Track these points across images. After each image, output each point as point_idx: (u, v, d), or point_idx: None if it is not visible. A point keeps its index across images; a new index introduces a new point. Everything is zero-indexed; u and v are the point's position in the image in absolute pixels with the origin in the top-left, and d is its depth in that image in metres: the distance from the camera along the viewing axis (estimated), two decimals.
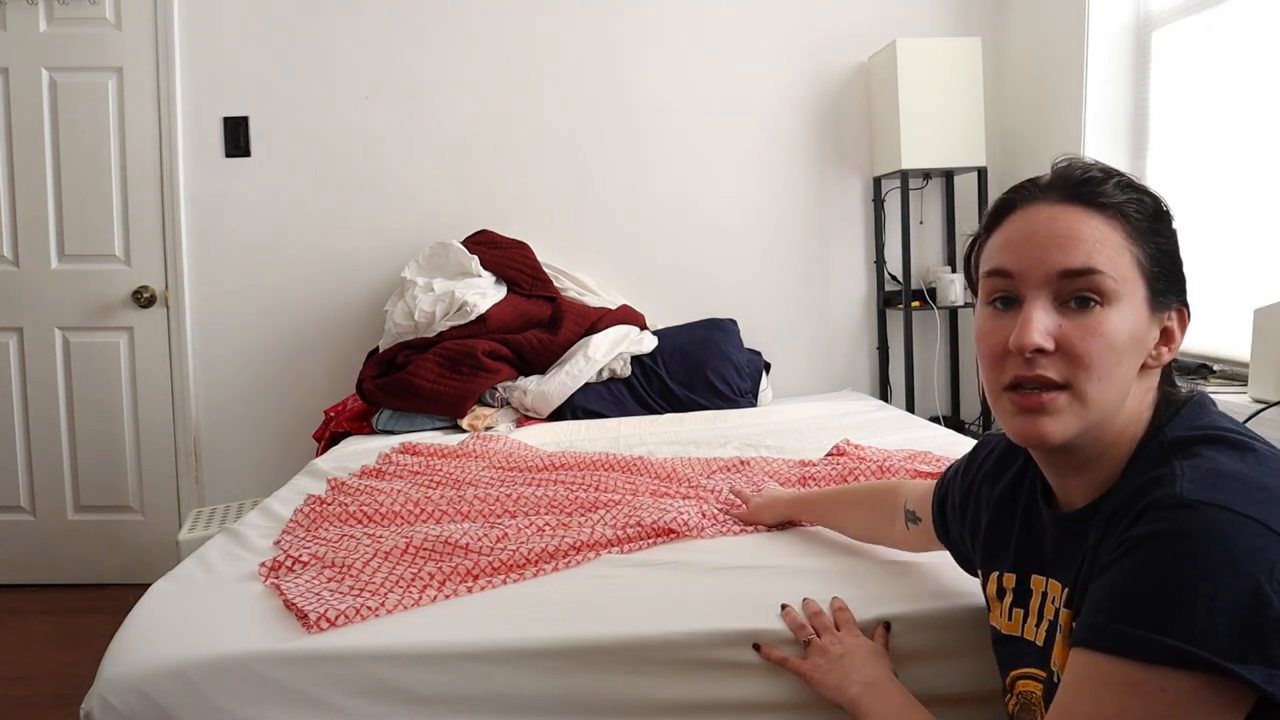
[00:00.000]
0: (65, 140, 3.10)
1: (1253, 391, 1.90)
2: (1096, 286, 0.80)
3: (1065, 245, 0.81)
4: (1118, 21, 2.77)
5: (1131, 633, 0.69)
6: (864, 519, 1.39)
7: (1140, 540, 0.72)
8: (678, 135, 3.27)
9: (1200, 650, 0.66)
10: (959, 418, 3.35)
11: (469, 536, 1.48)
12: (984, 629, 1.16)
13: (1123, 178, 0.84)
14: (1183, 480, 0.73)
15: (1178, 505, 0.71)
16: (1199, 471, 0.74)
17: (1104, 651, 0.71)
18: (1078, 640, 0.74)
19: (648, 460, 2.06)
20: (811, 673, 1.09)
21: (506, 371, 2.82)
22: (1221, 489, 0.71)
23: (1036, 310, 0.81)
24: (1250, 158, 2.32)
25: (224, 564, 1.49)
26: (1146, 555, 0.71)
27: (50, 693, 2.36)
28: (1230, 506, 0.69)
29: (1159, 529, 0.71)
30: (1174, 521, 0.70)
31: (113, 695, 1.11)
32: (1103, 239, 0.81)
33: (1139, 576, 0.71)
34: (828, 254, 3.34)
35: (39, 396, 3.15)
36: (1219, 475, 0.73)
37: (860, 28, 3.26)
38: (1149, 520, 0.72)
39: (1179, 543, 0.69)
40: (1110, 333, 0.79)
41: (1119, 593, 0.72)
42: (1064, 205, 0.83)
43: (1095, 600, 0.74)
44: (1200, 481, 0.72)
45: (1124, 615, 0.70)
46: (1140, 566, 0.71)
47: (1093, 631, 0.72)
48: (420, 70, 3.20)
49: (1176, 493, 0.72)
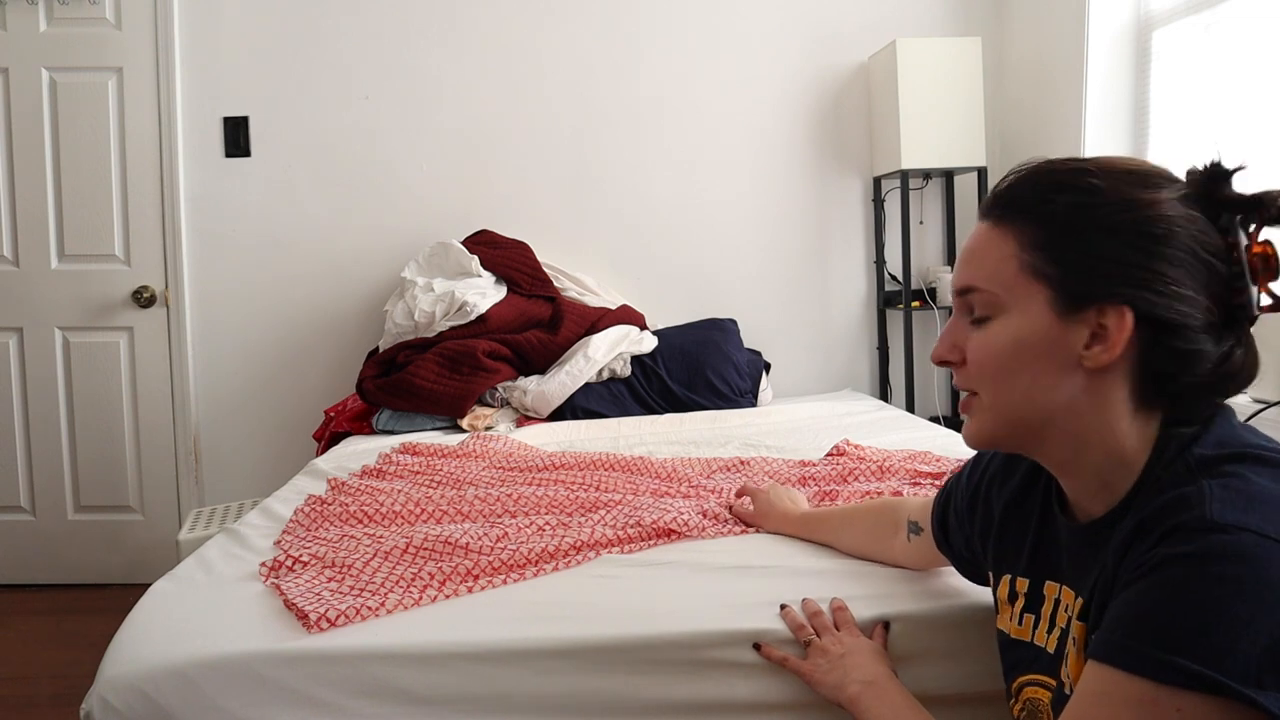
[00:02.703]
0: (65, 140, 3.10)
1: (1253, 391, 1.90)
2: (976, 303, 0.85)
3: (962, 264, 0.87)
4: (1118, 21, 2.77)
5: (1151, 653, 0.69)
6: (867, 534, 1.36)
7: (1167, 560, 0.71)
8: (678, 135, 3.27)
9: (1218, 674, 0.66)
10: (959, 418, 3.34)
11: (469, 536, 1.48)
12: (984, 630, 1.16)
13: (1048, 179, 0.83)
14: (1212, 501, 0.71)
15: (1209, 529, 0.70)
16: (1230, 492, 0.72)
17: (1122, 669, 0.70)
18: (1097, 655, 0.73)
19: (648, 460, 2.06)
20: (811, 672, 1.09)
21: (506, 371, 2.82)
22: (1254, 512, 0.70)
23: (948, 326, 0.89)
24: (1250, 158, 2.32)
25: (224, 564, 1.49)
26: (1173, 576, 0.70)
27: (50, 693, 2.36)
28: (1264, 532, 0.68)
29: (1188, 551, 0.70)
30: (1204, 544, 0.69)
31: (113, 695, 1.11)
32: (986, 251, 0.84)
33: (1163, 597, 0.70)
34: (828, 254, 3.34)
35: (39, 396, 3.15)
36: (1251, 498, 0.71)
37: (860, 28, 3.26)
38: (1177, 541, 0.71)
39: (1208, 566, 0.68)
40: (993, 344, 0.83)
41: (1141, 612, 0.71)
42: (981, 221, 0.87)
43: (1116, 616, 0.73)
44: (1232, 504, 0.71)
45: (1145, 635, 0.70)
46: (1165, 587, 0.70)
47: (1112, 648, 0.72)
48: (420, 70, 3.20)
49: (1206, 515, 0.70)
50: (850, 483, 1.82)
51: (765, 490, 1.58)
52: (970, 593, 1.21)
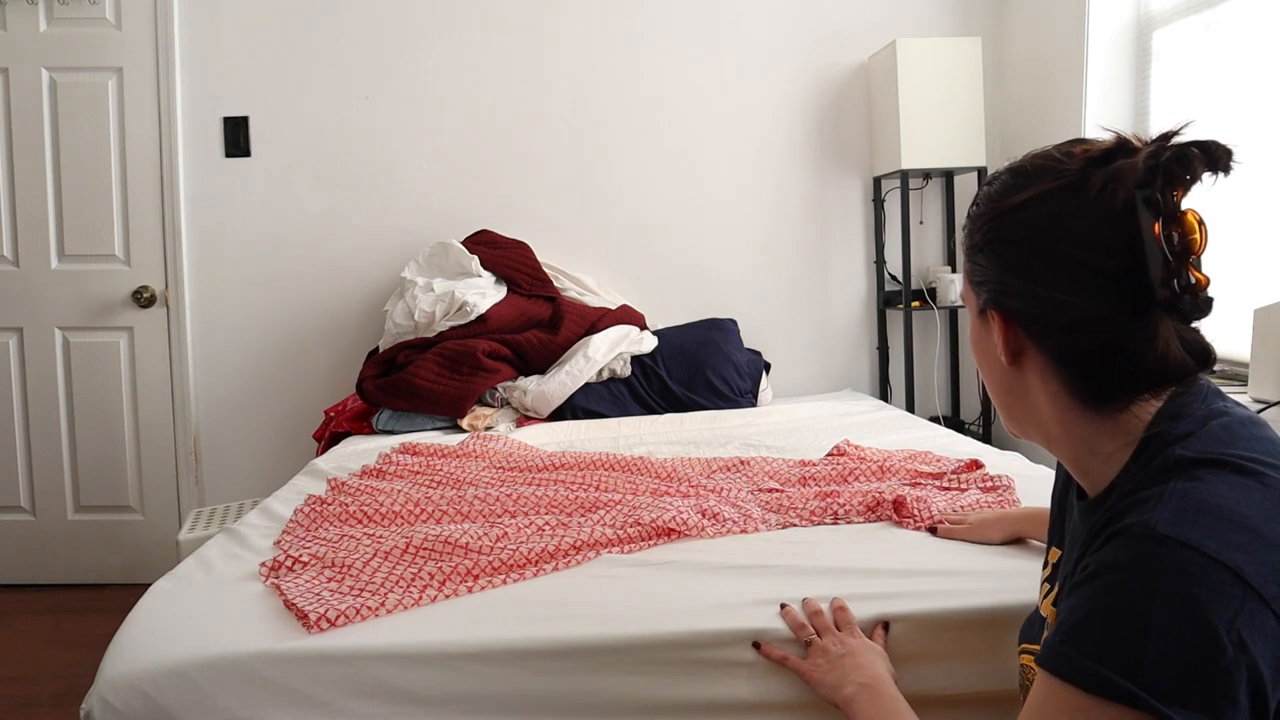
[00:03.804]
0: (65, 140, 3.10)
1: (1253, 391, 1.90)
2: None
3: None
4: (1118, 21, 2.77)
5: (1082, 662, 0.68)
6: None
7: (1105, 567, 0.70)
8: (678, 135, 3.27)
9: (1141, 691, 0.65)
10: (959, 418, 3.35)
11: (469, 536, 1.48)
12: (984, 630, 1.16)
13: (975, 203, 0.89)
14: (1163, 509, 0.70)
15: (1148, 537, 0.69)
16: (1187, 501, 0.70)
17: (1056, 675, 0.70)
18: (1040, 660, 0.73)
19: (648, 460, 2.06)
20: (811, 671, 1.09)
21: (506, 371, 2.82)
22: (1201, 526, 0.68)
23: None
24: (1250, 158, 2.32)
25: (224, 564, 1.49)
26: (1108, 584, 0.69)
27: (50, 693, 2.36)
28: (1202, 548, 0.66)
29: (1124, 559, 0.69)
30: (1140, 553, 0.68)
31: (113, 695, 1.11)
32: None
33: (1097, 605, 0.69)
34: (828, 254, 3.34)
35: (39, 396, 3.15)
36: (1204, 510, 0.69)
37: (860, 28, 3.26)
38: (1118, 546, 0.71)
39: (1140, 577, 0.68)
40: (970, 337, 0.94)
41: (1078, 618, 0.71)
42: None
43: (1060, 621, 0.73)
44: (1181, 514, 0.69)
45: (1078, 642, 0.69)
46: (1099, 594, 0.70)
47: (1051, 654, 0.72)
48: (420, 70, 3.20)
49: (1150, 523, 0.69)
50: (851, 483, 1.82)
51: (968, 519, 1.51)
52: (970, 594, 1.21)
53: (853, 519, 1.60)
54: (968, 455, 1.99)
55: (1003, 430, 3.26)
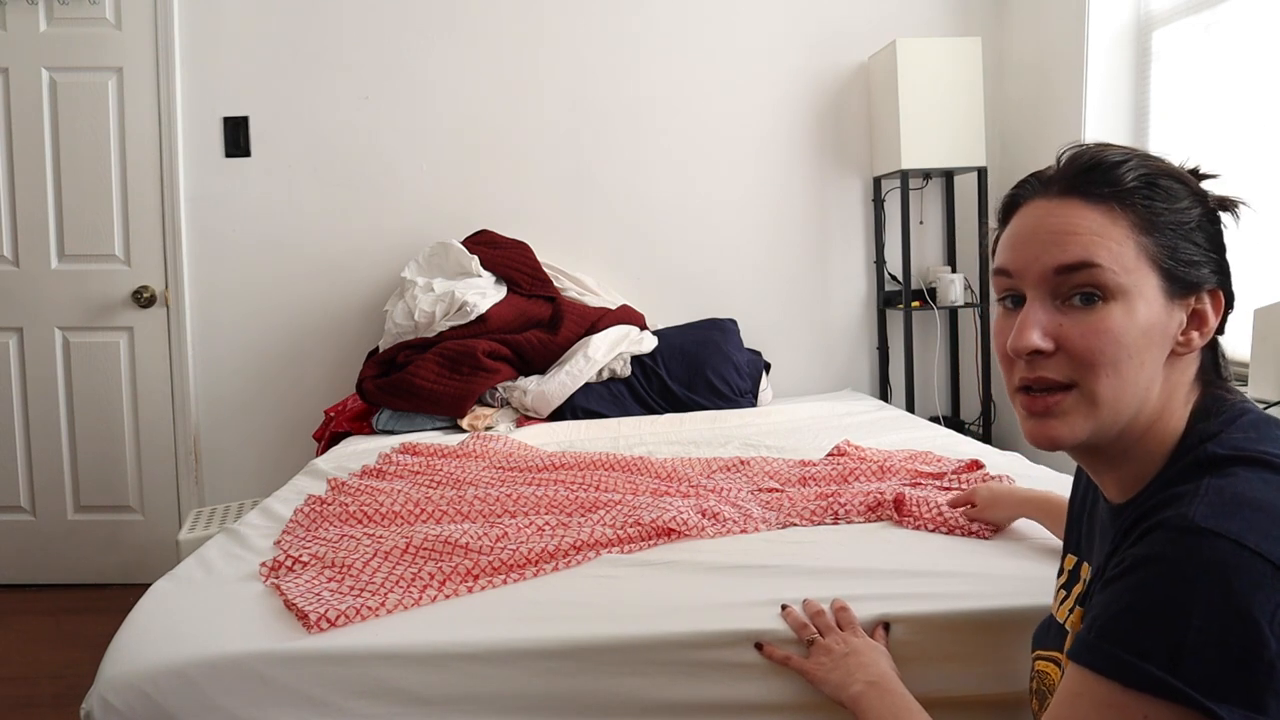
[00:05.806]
0: (65, 140, 3.10)
1: (1253, 391, 1.90)
2: (1096, 281, 0.78)
3: (1060, 241, 0.79)
4: (1118, 21, 2.77)
5: (1119, 655, 0.68)
6: None
7: (1142, 561, 0.70)
8: (678, 135, 3.27)
9: (1181, 683, 0.65)
10: (959, 418, 3.35)
11: (469, 536, 1.48)
12: (985, 632, 1.16)
13: (1139, 160, 0.82)
14: (1200, 503, 0.69)
15: (1185, 530, 0.68)
16: (1223, 496, 0.70)
17: (1092, 670, 0.70)
18: (1072, 653, 0.73)
19: (648, 460, 2.06)
20: (815, 670, 1.09)
21: (506, 371, 2.82)
22: (1238, 519, 0.67)
23: (1033, 310, 0.80)
24: (1250, 158, 2.32)
25: (224, 564, 1.49)
26: (1145, 577, 0.69)
27: (50, 693, 2.36)
28: (1241, 540, 0.66)
29: (1161, 552, 0.69)
30: (1178, 547, 0.68)
31: (113, 695, 1.11)
32: (1100, 230, 0.79)
33: (1135, 598, 0.69)
34: (828, 254, 3.34)
35: (39, 396, 3.15)
36: (1241, 503, 0.68)
37: (860, 28, 3.26)
38: (1155, 540, 0.70)
39: (1178, 570, 0.67)
40: (1115, 329, 0.77)
41: (1114, 612, 0.70)
42: (1061, 199, 0.81)
43: (1093, 615, 0.73)
44: (1219, 507, 0.68)
45: (1115, 636, 0.69)
46: (1137, 588, 0.69)
47: (1085, 648, 0.71)
48: (420, 70, 3.20)
49: (1187, 515, 0.68)
50: (851, 483, 1.82)
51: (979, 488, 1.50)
52: (970, 595, 1.21)
53: (853, 519, 1.60)
54: (968, 455, 1.99)
55: (1003, 430, 3.26)
